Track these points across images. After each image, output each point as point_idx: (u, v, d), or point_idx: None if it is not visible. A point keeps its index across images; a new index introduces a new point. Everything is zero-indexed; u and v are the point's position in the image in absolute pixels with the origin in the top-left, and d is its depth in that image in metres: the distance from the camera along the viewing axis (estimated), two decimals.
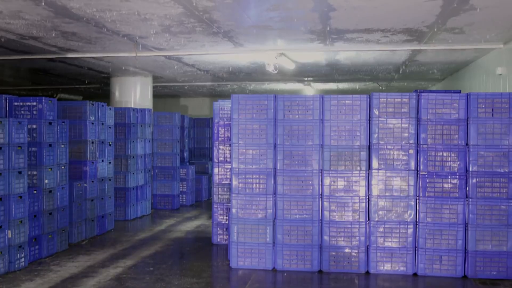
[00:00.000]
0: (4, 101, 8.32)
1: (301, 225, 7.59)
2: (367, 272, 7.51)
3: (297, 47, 9.96)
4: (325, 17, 7.55)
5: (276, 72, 11.35)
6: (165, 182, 13.45)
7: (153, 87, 14.89)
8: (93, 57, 10.73)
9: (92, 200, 9.90)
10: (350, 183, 7.55)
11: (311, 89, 18.52)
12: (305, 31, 8.45)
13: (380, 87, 17.95)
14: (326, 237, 7.55)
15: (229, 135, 9.14)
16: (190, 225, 11.40)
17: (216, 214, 9.39)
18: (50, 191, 8.44)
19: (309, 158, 7.62)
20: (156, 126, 13.67)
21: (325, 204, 7.57)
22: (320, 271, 7.56)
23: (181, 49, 9.93)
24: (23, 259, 7.68)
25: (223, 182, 9.35)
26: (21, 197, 7.62)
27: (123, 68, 12.65)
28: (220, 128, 9.35)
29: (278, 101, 7.70)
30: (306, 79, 15.76)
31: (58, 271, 7.56)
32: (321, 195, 7.59)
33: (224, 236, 9.29)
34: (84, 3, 6.71)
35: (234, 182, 7.75)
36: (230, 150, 8.35)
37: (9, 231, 7.38)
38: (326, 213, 7.57)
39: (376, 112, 7.51)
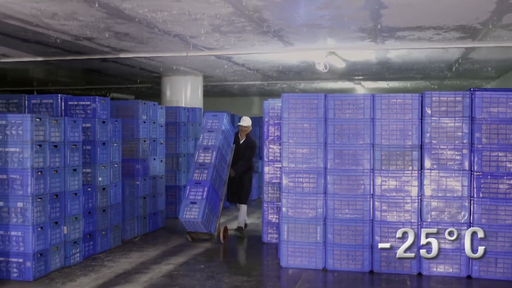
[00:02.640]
0: (59, 100, 8.53)
1: (352, 225, 7.53)
2: (419, 274, 7.38)
3: (347, 46, 9.87)
4: (376, 15, 7.46)
5: (326, 71, 11.27)
6: None
7: (203, 86, 14.98)
8: (145, 57, 10.87)
9: (144, 198, 10.06)
10: (402, 183, 7.45)
11: (361, 88, 18.34)
12: (356, 29, 8.37)
13: (432, 86, 17.63)
14: (377, 237, 7.46)
15: (279, 134, 9.13)
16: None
17: (266, 213, 9.40)
18: (103, 189, 8.61)
19: (360, 158, 7.55)
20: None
21: (376, 204, 7.48)
22: (371, 272, 7.48)
23: (231, 48, 9.97)
24: (78, 255, 7.86)
25: (273, 181, 9.35)
26: (76, 194, 7.80)
27: (174, 67, 12.79)
28: (270, 127, 9.36)
29: (328, 100, 7.66)
30: (356, 77, 15.61)
31: (112, 266, 7.71)
32: (372, 195, 7.51)
33: (274, 235, 9.29)
34: (136, 4, 6.81)
35: (284, 181, 7.74)
36: (280, 149, 8.34)
37: (65, 227, 7.57)
38: (377, 213, 7.48)
39: (428, 111, 7.39)
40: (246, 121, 10.35)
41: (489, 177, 7.26)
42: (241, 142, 10.22)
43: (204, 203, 8.91)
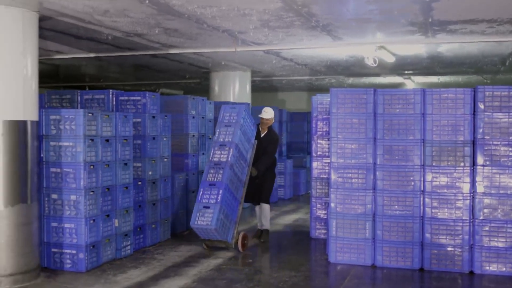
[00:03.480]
0: (111, 96, 8.69)
1: (402, 222, 7.43)
2: (471, 272, 7.24)
3: (397, 40, 9.72)
4: (427, 9, 7.33)
5: (375, 65, 11.14)
6: None
7: (252, 81, 15.00)
8: (193, 53, 10.96)
9: (193, 192, 10.16)
10: (453, 179, 7.31)
11: (411, 83, 18.05)
12: (406, 23, 8.23)
13: (485, 80, 17.21)
14: (427, 235, 7.35)
15: (327, 129, 9.08)
16: (288, 218, 11.45)
17: (315, 208, 9.37)
18: (153, 183, 8.74)
19: (410, 153, 7.44)
20: (254, 120, 13.74)
21: (427, 200, 7.37)
22: (421, 269, 7.38)
23: (279, 43, 9.95)
24: (129, 247, 8.01)
25: (321, 176, 9.31)
26: (127, 187, 7.94)
27: (223, 63, 12.85)
28: (318, 122, 9.32)
29: (378, 95, 7.57)
30: (405, 72, 15.37)
31: (161, 259, 7.82)
32: (422, 191, 7.40)
33: (323, 231, 9.26)
34: (185, 0, 6.87)
35: (333, 177, 7.70)
36: (328, 144, 8.30)
37: (116, 220, 7.72)
38: (427, 209, 7.36)
39: (481, 106, 7.22)
40: (268, 113, 9.21)
41: None
42: (262, 136, 9.18)
43: (219, 208, 7.92)
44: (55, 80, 17.00)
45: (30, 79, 6.66)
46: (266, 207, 9.17)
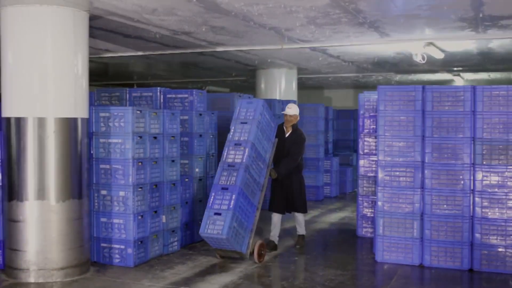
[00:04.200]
0: (158, 93, 8.80)
1: (451, 221, 7.30)
2: None
3: (446, 36, 9.54)
4: (478, 4, 7.17)
5: (423, 62, 10.97)
6: (309, 173, 13.51)
7: (298, 78, 14.97)
8: (240, 50, 11.00)
9: None
10: (505, 178, 7.13)
11: (460, 80, 17.70)
12: (455, 18, 8.08)
13: None
14: (477, 235, 7.19)
15: (374, 127, 8.99)
16: (334, 216, 11.39)
17: (361, 206, 9.29)
18: (200, 180, 8.81)
19: (459, 152, 7.29)
20: (300, 117, 13.67)
21: (477, 200, 7.21)
22: (470, 270, 7.23)
23: (326, 40, 9.89)
24: (176, 243, 8.10)
25: (368, 175, 9.22)
26: (174, 184, 8.03)
27: (269, 60, 12.87)
28: (365, 120, 9.23)
29: (426, 92, 7.45)
30: (455, 69, 15.08)
31: (208, 256, 7.88)
32: (472, 190, 7.24)
33: (369, 229, 9.17)
34: None
35: (380, 175, 7.62)
36: (376, 142, 8.21)
37: (164, 216, 7.81)
38: (477, 209, 7.21)
39: None
40: (292, 109, 8.35)
41: None
42: (287, 135, 8.29)
43: (231, 215, 7.17)
44: (104, 78, 17.32)
45: (80, 78, 6.80)
46: (301, 217, 8.56)
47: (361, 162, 9.29)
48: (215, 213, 7.27)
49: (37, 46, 6.51)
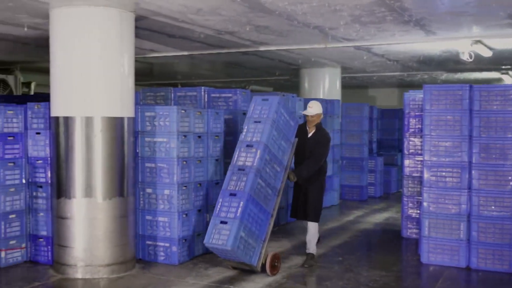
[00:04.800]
0: (203, 93, 8.86)
1: (499, 223, 7.14)
2: None
3: (494, 34, 9.33)
4: None
5: (471, 60, 10.75)
6: (353, 173, 13.42)
7: (342, 78, 14.88)
8: (284, 50, 10.98)
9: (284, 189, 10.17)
10: None
11: (509, 78, 17.29)
12: (504, 15, 7.89)
13: None
14: None
15: (420, 126, 8.85)
16: (378, 217, 11.28)
17: (406, 207, 9.17)
18: None
19: (508, 152, 7.12)
20: (344, 117, 13.68)
21: None
22: None
23: (370, 39, 9.79)
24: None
25: (413, 175, 9.09)
26: (217, 183, 8.07)
27: (313, 59, 12.82)
28: (410, 119, 9.10)
29: (474, 91, 7.30)
30: (503, 67, 14.74)
31: None
32: None
33: (414, 230, 9.05)
34: None
35: (426, 175, 7.50)
36: (421, 142, 8.09)
37: (208, 215, 7.86)
38: None
39: None
40: (313, 108, 7.55)
41: None
42: (310, 135, 7.55)
43: (238, 224, 6.49)
44: (150, 78, 17.54)
45: (127, 77, 6.91)
46: (312, 226, 7.49)
47: (406, 162, 9.16)
48: (221, 222, 6.61)
49: (84, 47, 6.64)
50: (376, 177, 14.10)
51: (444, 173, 7.42)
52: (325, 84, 14.20)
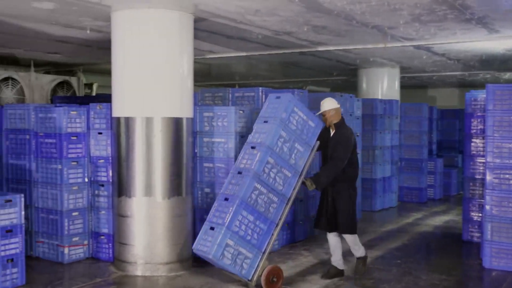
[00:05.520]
0: (260, 93, 8.87)
1: None
2: None
3: None
4: None
5: None
6: (412, 175, 13.20)
7: (400, 77, 14.66)
8: (342, 50, 10.91)
9: None
10: None
11: None
12: None
13: None
14: None
15: (482, 127, 8.62)
16: (438, 219, 11.05)
17: (467, 210, 8.94)
18: None
19: None
20: (403, 117, 13.48)
21: None
22: None
23: (431, 38, 9.61)
24: (276, 242, 8.14)
25: (475, 177, 8.85)
26: None
27: (371, 59, 12.68)
28: (472, 120, 8.88)
29: None
30: None
31: (308, 255, 7.88)
32: None
33: (476, 234, 8.81)
34: None
35: (489, 177, 7.30)
36: (484, 143, 7.88)
37: None
38: None
39: None
40: (325, 104, 6.83)
41: None
42: (331, 136, 6.77)
43: (224, 231, 5.95)
44: (208, 79, 17.71)
45: (186, 78, 7.00)
46: (349, 239, 6.80)
47: (468, 163, 8.94)
48: (211, 227, 6.15)
49: (145, 48, 6.77)
50: (436, 179, 13.82)
51: (507, 176, 7.21)
52: (384, 84, 14.03)
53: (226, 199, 6.23)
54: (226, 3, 7.05)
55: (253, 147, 6.39)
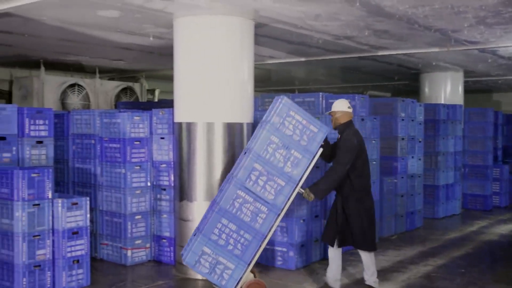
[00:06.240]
0: (321, 98, 8.84)
1: None
2: None
3: None
4: None
5: None
6: (476, 182, 12.86)
7: (464, 82, 14.33)
8: (403, 54, 10.75)
9: (402, 196, 9.96)
10: None
11: None
12: None
13: None
14: None
15: None
16: (504, 228, 10.72)
17: None
18: None
19: None
20: (467, 122, 13.17)
21: None
22: None
23: (496, 41, 9.35)
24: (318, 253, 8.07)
25: None
26: None
27: (433, 63, 12.44)
28: None
29: None
30: None
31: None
32: None
33: None
34: (397, 1, 6.75)
35: None
36: None
37: (325, 221, 7.81)
38: None
39: None
40: (334, 105, 6.46)
41: None
42: (337, 140, 6.39)
43: (200, 238, 5.76)
44: (267, 84, 17.78)
45: (246, 83, 7.05)
46: (365, 256, 6.26)
47: None
48: (194, 233, 6.08)
49: (206, 54, 6.86)
50: (502, 186, 13.41)
51: None
52: (447, 89, 13.74)
53: (212, 204, 6.09)
54: (287, 8, 7.06)
55: (245, 153, 6.09)
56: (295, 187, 5.90)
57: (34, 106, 12.00)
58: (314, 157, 5.99)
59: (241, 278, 5.77)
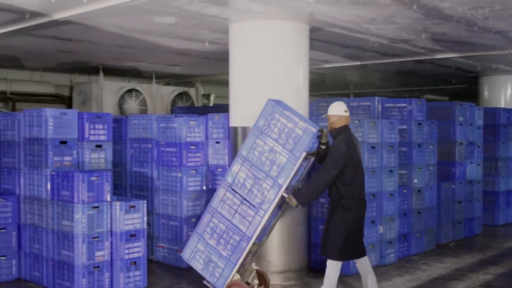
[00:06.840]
0: (376, 103, 8.75)
1: None
2: None
3: None
4: None
5: None
6: None
7: None
8: (461, 57, 10.53)
9: (460, 202, 9.74)
10: None
11: None
12: None
13: None
14: None
15: None
16: None
17: None
18: (419, 191, 8.58)
19: None
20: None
21: None
22: None
23: None
24: (392, 255, 7.97)
25: None
26: (391, 194, 7.92)
27: (493, 66, 12.14)
28: None
29: None
30: None
31: (426, 270, 7.64)
32: None
33: None
34: (456, 2, 6.62)
35: None
36: None
37: (381, 227, 7.73)
38: None
39: None
40: (332, 108, 6.12)
41: None
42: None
43: (194, 235, 6.08)
44: (322, 88, 17.71)
45: (301, 88, 7.04)
46: (328, 265, 5.81)
47: None
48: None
49: (261, 59, 6.88)
50: None
51: None
52: (507, 92, 13.39)
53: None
54: (342, 12, 7.02)
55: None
56: (279, 191, 5.69)
57: (93, 111, 12.32)
58: (308, 163, 5.92)
59: (228, 278, 5.85)
